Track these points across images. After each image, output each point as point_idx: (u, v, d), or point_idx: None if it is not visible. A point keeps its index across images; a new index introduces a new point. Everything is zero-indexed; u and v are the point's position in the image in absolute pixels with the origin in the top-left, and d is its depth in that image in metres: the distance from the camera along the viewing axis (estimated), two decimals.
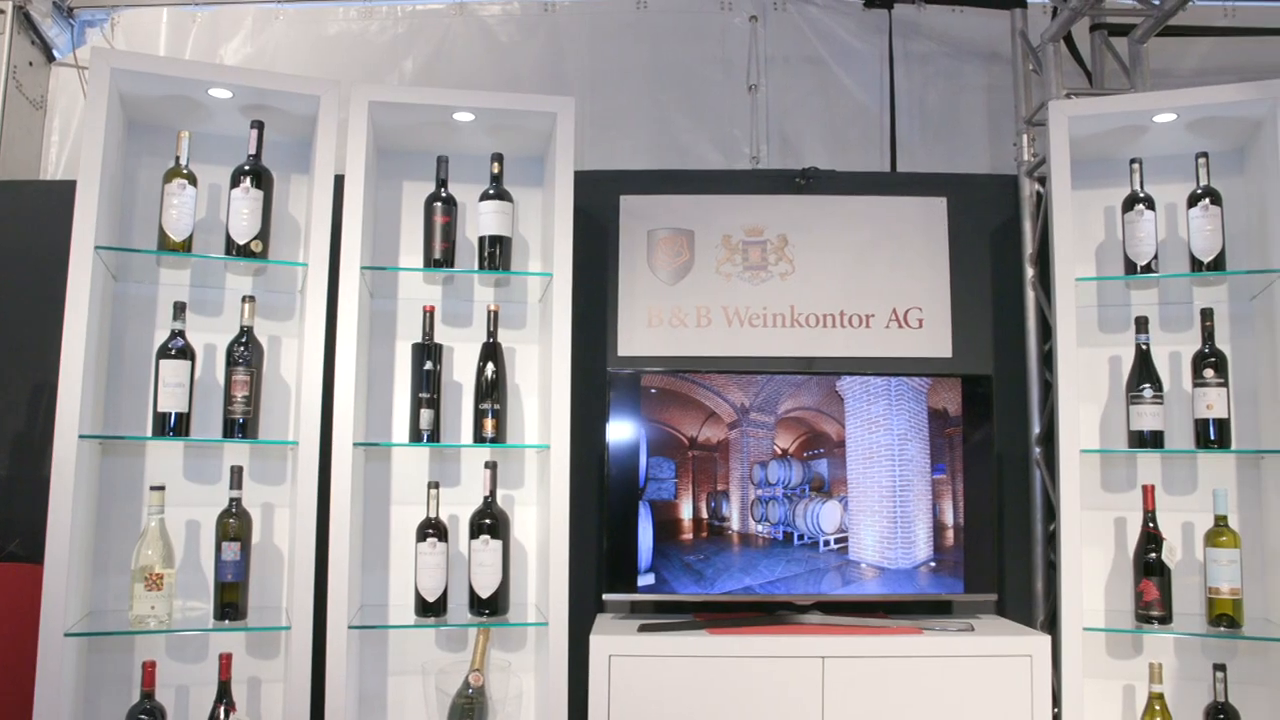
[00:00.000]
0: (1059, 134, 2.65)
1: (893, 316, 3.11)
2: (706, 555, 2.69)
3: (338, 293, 2.55)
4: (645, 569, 2.68)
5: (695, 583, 2.68)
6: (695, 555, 2.69)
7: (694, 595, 2.69)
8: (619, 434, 2.72)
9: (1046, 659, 2.53)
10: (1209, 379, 2.58)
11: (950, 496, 2.72)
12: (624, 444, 2.71)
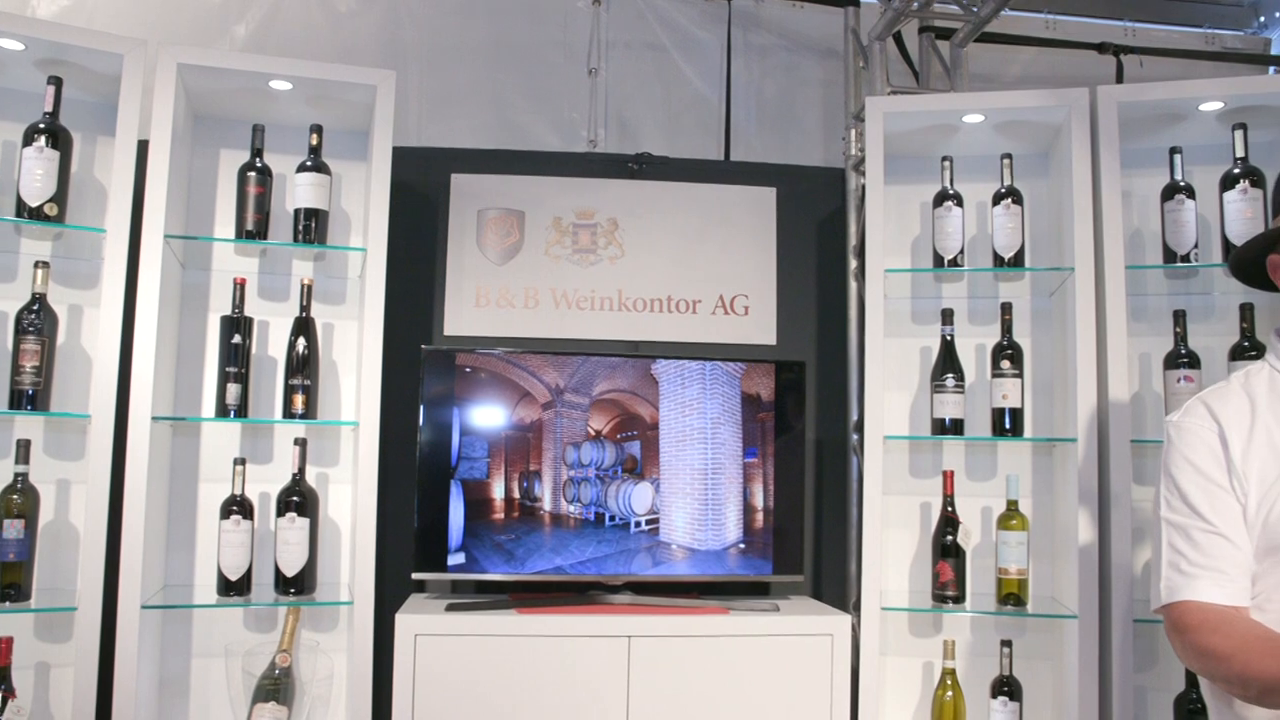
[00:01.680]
0: (874, 129, 2.73)
1: (720, 303, 3.16)
2: (518, 535, 2.69)
3: (139, 262, 2.45)
4: (456, 548, 2.66)
5: (506, 562, 2.67)
6: (507, 535, 2.68)
7: (504, 575, 2.68)
8: (432, 412, 2.69)
9: (847, 638, 2.62)
10: (1005, 370, 2.69)
11: (761, 480, 2.78)
12: (437, 423, 2.68)
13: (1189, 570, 1.60)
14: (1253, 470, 1.58)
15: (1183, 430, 1.65)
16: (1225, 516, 1.58)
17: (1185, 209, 2.64)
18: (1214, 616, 1.56)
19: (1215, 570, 1.59)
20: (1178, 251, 2.64)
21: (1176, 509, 1.62)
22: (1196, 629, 1.57)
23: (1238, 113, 2.63)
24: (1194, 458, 1.62)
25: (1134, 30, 3.79)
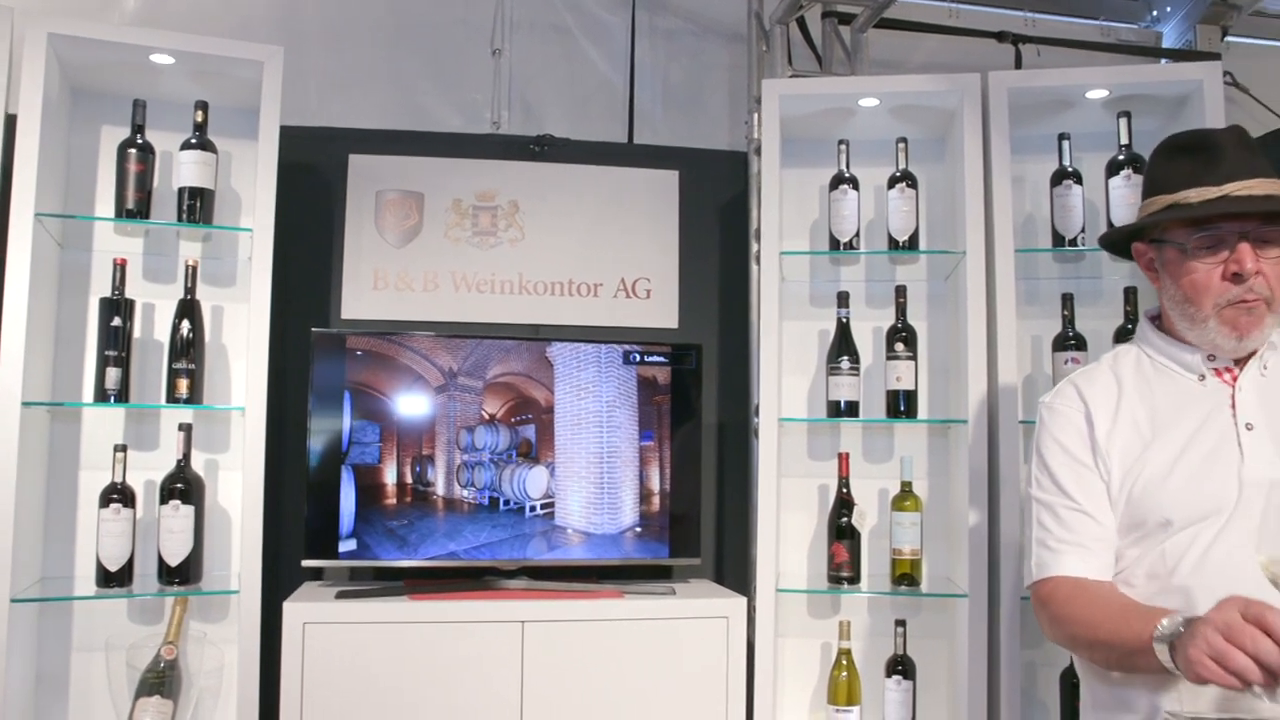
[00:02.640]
0: (770, 111, 2.73)
1: (621, 286, 3.14)
2: (411, 521, 2.64)
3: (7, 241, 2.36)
4: (348, 535, 2.61)
5: (400, 548, 2.63)
6: (400, 521, 2.64)
7: (398, 561, 2.64)
8: (322, 397, 2.63)
9: (743, 620, 2.62)
10: (899, 353, 2.72)
11: (658, 463, 2.78)
12: (327, 408, 2.62)
13: (1056, 547, 1.65)
14: (1115, 449, 1.63)
15: (1053, 411, 1.72)
16: (1090, 494, 1.64)
17: (1073, 194, 2.68)
18: (1079, 588, 1.61)
19: (1080, 546, 1.63)
20: (1065, 236, 2.69)
21: (1045, 488, 1.68)
22: (1063, 601, 1.61)
23: (1123, 101, 2.68)
24: (1062, 438, 1.68)
25: (1034, 20, 3.84)
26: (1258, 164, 1.58)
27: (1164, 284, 1.68)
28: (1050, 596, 1.64)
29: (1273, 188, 1.56)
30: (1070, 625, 1.59)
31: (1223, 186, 1.55)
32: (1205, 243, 1.58)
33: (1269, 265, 1.56)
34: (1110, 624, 1.51)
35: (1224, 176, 1.56)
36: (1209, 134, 1.63)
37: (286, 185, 2.70)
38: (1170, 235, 1.63)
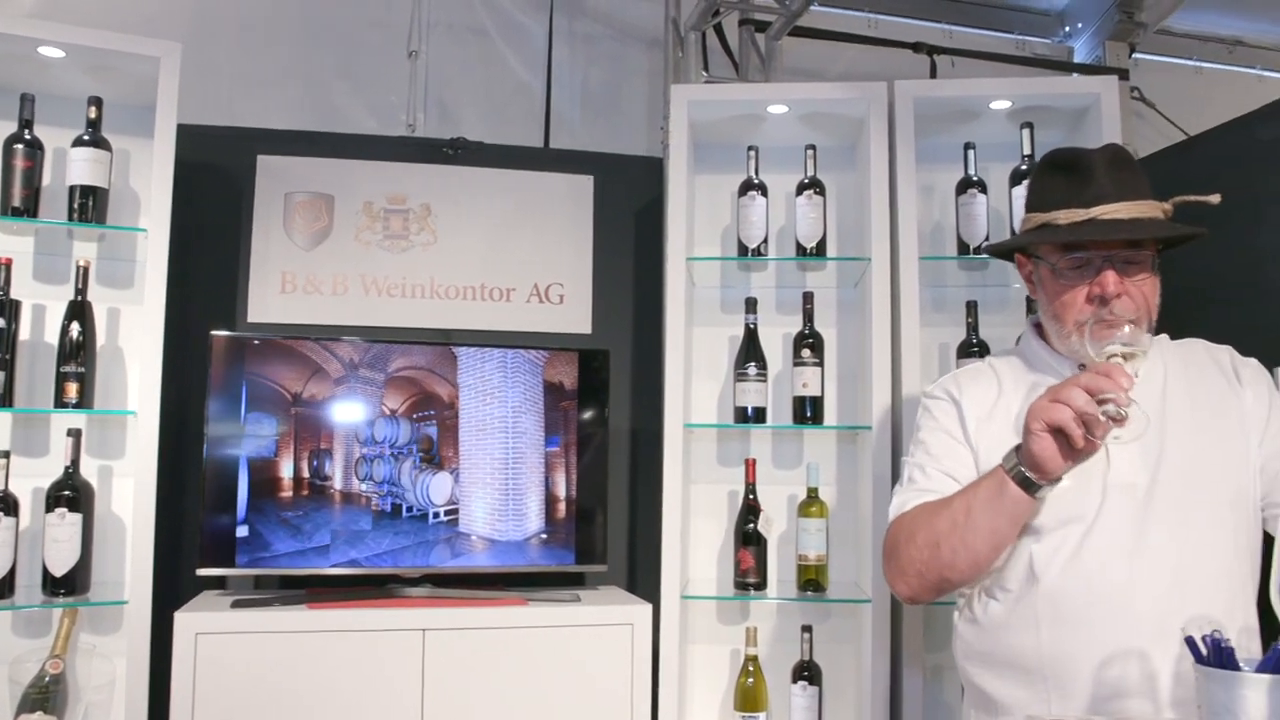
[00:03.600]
0: (679, 117, 2.73)
1: (535, 291, 3.12)
2: (312, 529, 2.59)
3: None
4: (244, 542, 2.54)
5: (300, 556, 2.57)
6: (300, 526, 2.58)
7: (299, 569, 2.58)
8: (219, 402, 2.56)
9: (648, 627, 2.61)
10: (806, 359, 2.73)
11: (564, 469, 2.75)
12: (225, 412, 2.56)
13: (916, 495, 1.65)
14: (984, 442, 1.65)
15: (930, 397, 1.77)
16: (958, 462, 1.66)
17: (977, 203, 2.71)
18: (929, 504, 1.61)
19: (939, 493, 1.63)
20: (970, 243, 2.72)
21: (916, 455, 1.72)
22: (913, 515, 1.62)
23: (1025, 112, 2.72)
24: (938, 416, 1.72)
25: (951, 33, 3.90)
26: (1130, 184, 1.59)
27: (1039, 297, 1.70)
28: (900, 521, 1.64)
29: (1140, 210, 1.57)
30: (923, 528, 1.57)
31: (1090, 210, 1.57)
32: (1072, 264, 1.60)
33: (1135, 286, 1.58)
34: (959, 496, 1.56)
35: (1092, 199, 1.57)
36: (1082, 154, 1.63)
37: (192, 185, 2.64)
38: (1043, 253, 1.65)
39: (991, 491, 1.50)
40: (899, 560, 1.61)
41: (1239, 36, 4.19)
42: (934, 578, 1.57)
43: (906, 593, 1.63)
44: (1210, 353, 1.73)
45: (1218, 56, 4.18)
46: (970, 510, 1.52)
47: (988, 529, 1.51)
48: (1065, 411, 1.38)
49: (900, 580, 1.62)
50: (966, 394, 1.71)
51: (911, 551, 1.58)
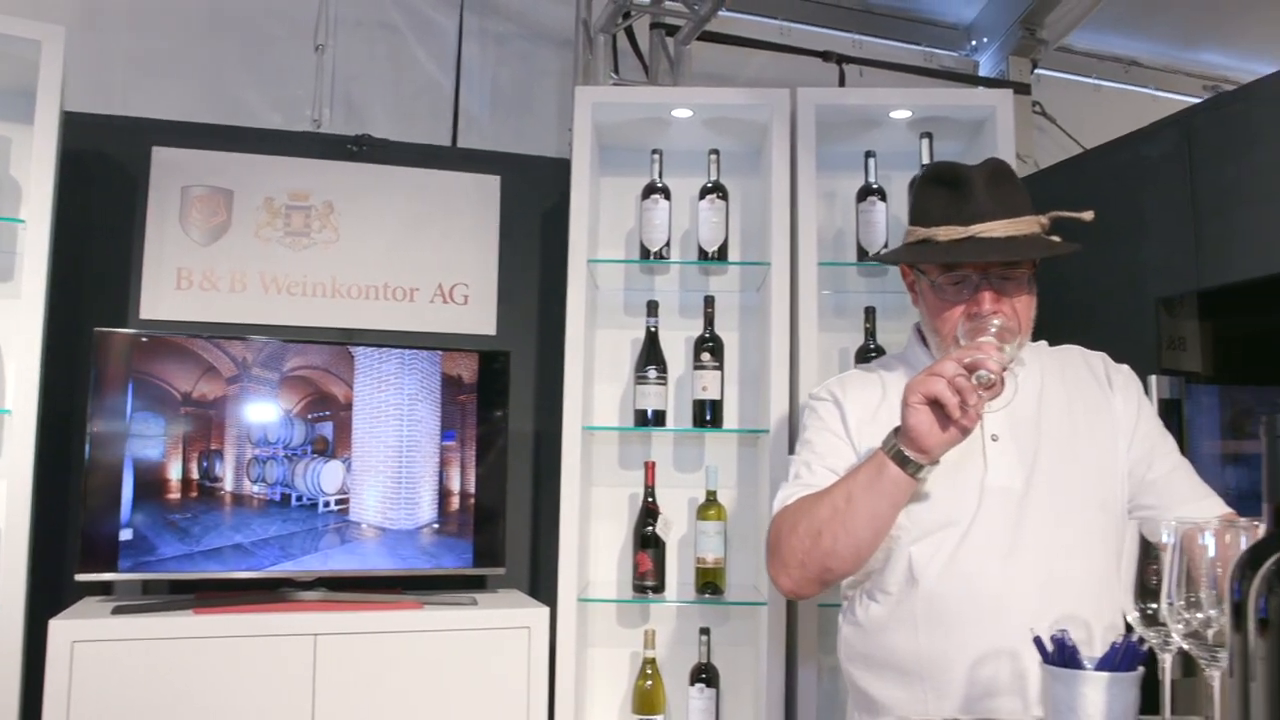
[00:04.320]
0: (582, 118, 2.72)
1: (439, 291, 3.09)
2: (200, 530, 2.52)
3: None
4: (127, 545, 2.47)
5: (188, 559, 2.50)
6: (186, 525, 2.51)
7: (186, 573, 2.51)
8: (104, 400, 2.48)
9: (545, 630, 2.59)
10: (706, 362, 2.74)
11: (460, 469, 2.73)
12: (109, 411, 2.48)
13: (801, 489, 1.66)
14: (865, 443, 1.67)
15: (815, 398, 1.80)
16: (841, 460, 1.68)
17: (877, 210, 2.76)
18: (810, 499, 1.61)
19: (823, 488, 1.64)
20: (869, 250, 2.76)
21: (802, 454, 1.73)
22: (795, 506, 1.63)
23: (925, 122, 2.77)
24: (823, 417, 1.74)
25: (862, 43, 3.96)
26: (1008, 200, 1.62)
27: (920, 308, 1.73)
28: (783, 513, 1.64)
29: (1017, 228, 1.60)
30: (804, 518, 1.58)
31: (969, 227, 1.59)
32: (951, 280, 1.62)
33: (1010, 304, 1.61)
34: (839, 484, 1.57)
35: (971, 216, 1.59)
36: (962, 170, 1.65)
37: (81, 176, 2.57)
38: (924, 268, 1.68)
39: (871, 475, 1.52)
40: (781, 553, 1.62)
41: (1135, 57, 4.33)
42: (816, 568, 1.58)
43: (789, 585, 1.63)
44: (1085, 359, 1.78)
45: (1115, 75, 4.32)
46: (850, 496, 1.54)
47: (868, 513, 1.53)
48: (939, 382, 1.42)
49: (783, 573, 1.62)
50: (849, 396, 1.74)
51: (793, 542, 1.59)
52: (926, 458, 1.49)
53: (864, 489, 1.53)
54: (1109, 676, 1.07)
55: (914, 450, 1.48)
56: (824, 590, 1.64)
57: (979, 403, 1.43)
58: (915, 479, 1.51)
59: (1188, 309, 2.50)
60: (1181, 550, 1.12)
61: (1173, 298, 2.51)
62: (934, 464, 1.51)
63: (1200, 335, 2.56)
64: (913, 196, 1.74)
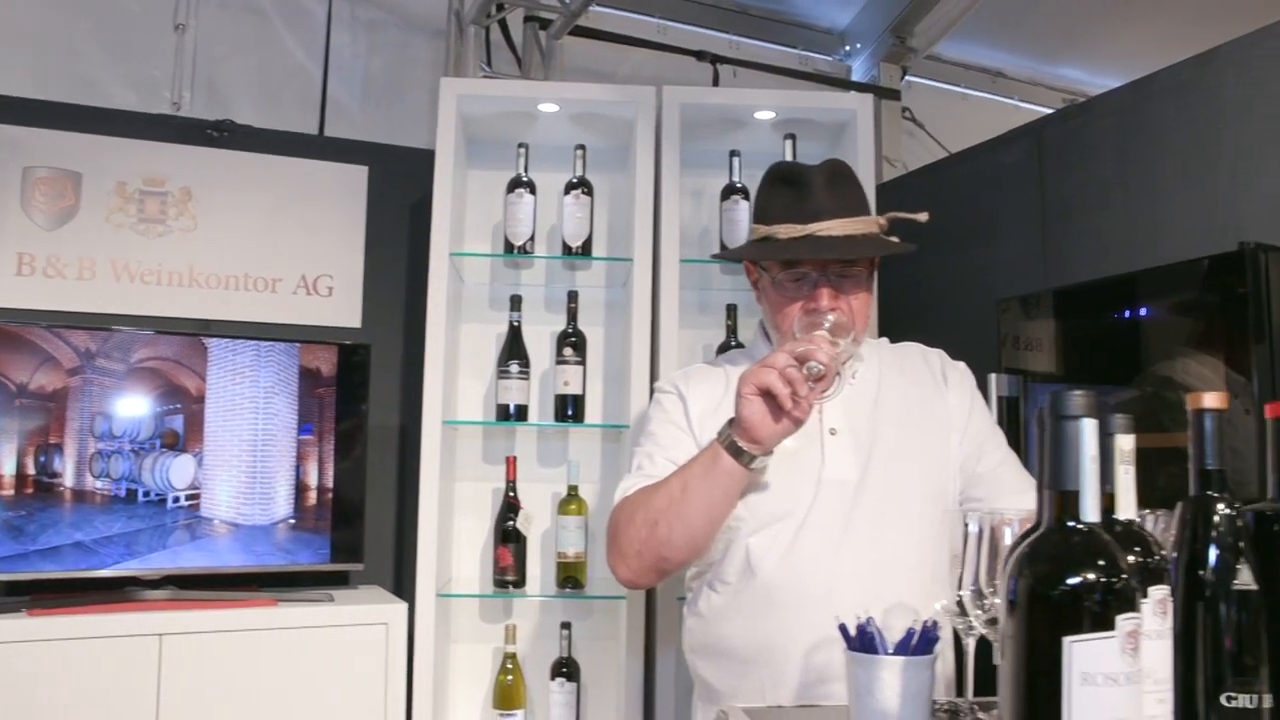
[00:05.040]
0: (447, 110, 2.70)
1: (302, 282, 3.02)
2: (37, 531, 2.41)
3: None
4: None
5: (23, 560, 2.40)
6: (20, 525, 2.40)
7: (21, 574, 2.41)
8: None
9: (404, 626, 2.56)
10: (568, 357, 2.75)
11: (317, 459, 2.68)
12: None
13: (642, 479, 1.67)
14: (705, 435, 1.68)
15: (660, 391, 1.82)
16: (682, 452, 1.68)
17: (740, 209, 2.80)
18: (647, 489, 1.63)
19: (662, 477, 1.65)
20: (732, 248, 2.79)
21: (645, 445, 1.74)
22: (633, 497, 1.64)
23: (788, 124, 2.82)
24: (667, 409, 1.76)
25: (738, 44, 4.01)
26: (846, 200, 1.67)
27: (763, 304, 1.77)
28: (622, 504, 1.66)
29: (855, 227, 1.65)
30: (641, 508, 1.60)
31: (808, 226, 1.63)
32: (791, 277, 1.67)
33: (847, 301, 1.65)
34: (675, 474, 1.59)
35: (811, 215, 1.64)
36: (803, 169, 1.71)
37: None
38: (766, 265, 1.71)
39: (706, 465, 1.55)
40: (619, 543, 1.63)
41: (1001, 69, 4.49)
42: (652, 557, 1.60)
43: (626, 575, 1.65)
44: (923, 355, 1.84)
45: (982, 85, 4.48)
46: (686, 486, 1.56)
47: (703, 503, 1.55)
48: (770, 373, 1.45)
49: (621, 563, 1.64)
50: (693, 389, 1.76)
51: (631, 532, 1.60)
52: (759, 448, 1.52)
53: (699, 479, 1.56)
54: (903, 660, 1.10)
55: (747, 441, 1.51)
56: (662, 580, 1.66)
57: (810, 394, 1.47)
58: (749, 469, 1.54)
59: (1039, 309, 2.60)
60: (991, 540, 1.17)
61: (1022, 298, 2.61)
62: (767, 455, 1.55)
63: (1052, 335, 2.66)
64: (757, 195, 1.77)
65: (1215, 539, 1.06)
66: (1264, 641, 1.03)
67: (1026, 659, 0.80)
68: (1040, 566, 0.81)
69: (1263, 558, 1.05)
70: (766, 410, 1.49)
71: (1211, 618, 1.04)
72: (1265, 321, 1.87)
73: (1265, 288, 1.88)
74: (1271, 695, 1.02)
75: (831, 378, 1.48)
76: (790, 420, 1.50)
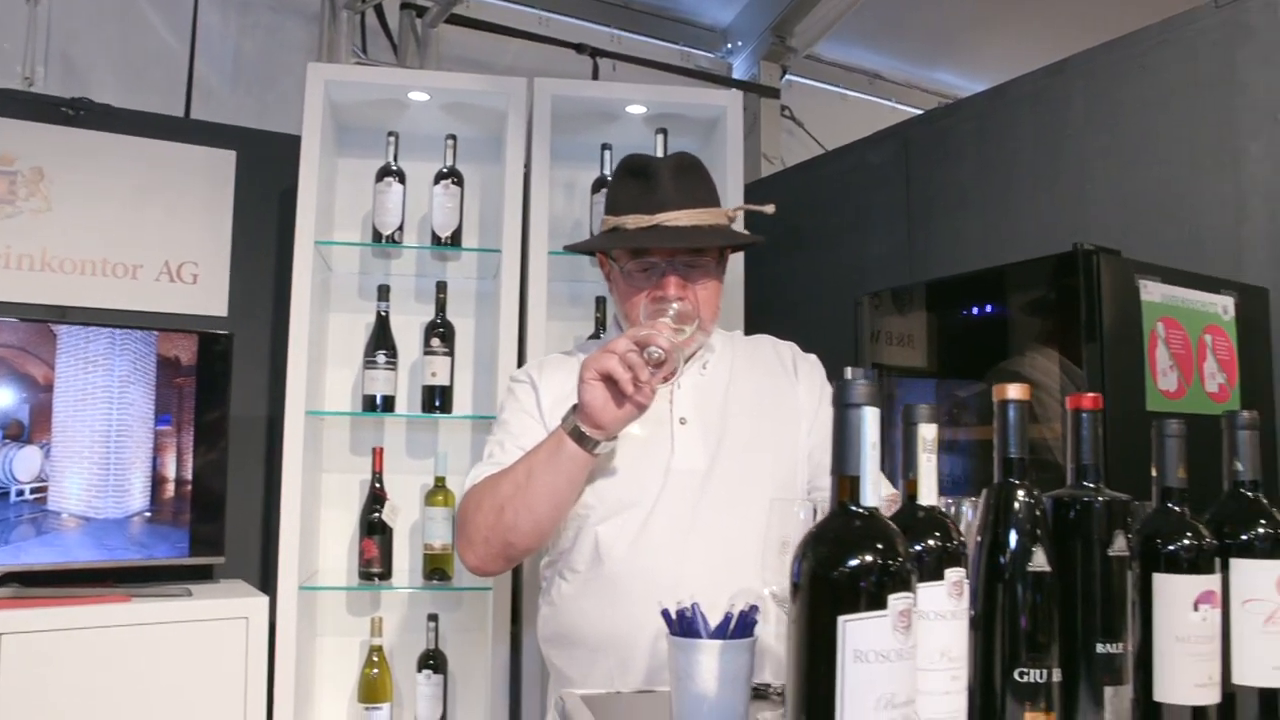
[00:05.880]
0: (314, 96, 2.65)
1: (165, 269, 2.93)
2: None
3: None
4: None
5: None
6: None
7: None
8: None
9: (265, 620, 2.51)
10: (436, 348, 2.73)
11: (176, 453, 2.61)
12: None
13: (491, 467, 1.67)
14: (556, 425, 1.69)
15: (514, 379, 1.82)
16: (533, 441, 1.68)
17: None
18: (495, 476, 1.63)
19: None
20: None
21: (497, 434, 1.74)
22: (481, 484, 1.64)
23: (660, 119, 2.85)
24: (520, 398, 1.76)
25: (621, 38, 4.03)
26: (694, 192, 1.70)
27: (613, 295, 1.79)
28: (471, 492, 1.66)
29: (703, 218, 1.68)
30: (488, 494, 1.61)
31: (655, 216, 1.66)
32: (639, 267, 1.69)
33: (699, 290, 1.68)
34: (521, 461, 1.60)
35: (658, 205, 1.67)
36: (652, 161, 1.74)
37: None
38: (616, 256, 1.73)
39: (550, 450, 1.56)
40: (467, 530, 1.64)
41: (879, 71, 4.62)
42: (499, 543, 1.61)
43: (474, 562, 1.65)
44: (775, 348, 1.88)
45: (861, 87, 4.59)
46: (531, 472, 1.57)
47: (548, 489, 1.56)
48: (611, 358, 1.47)
49: (468, 550, 1.64)
50: (545, 378, 1.77)
51: (478, 519, 1.61)
52: (602, 434, 1.54)
53: (544, 465, 1.57)
54: (720, 644, 1.13)
55: (590, 426, 1.52)
56: (510, 567, 1.67)
57: (651, 379, 1.49)
58: (593, 455, 1.55)
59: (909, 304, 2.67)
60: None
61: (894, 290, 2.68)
62: (611, 440, 1.56)
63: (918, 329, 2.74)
64: (609, 188, 1.79)
65: (1015, 524, 1.11)
66: (1055, 620, 1.09)
67: (808, 639, 0.83)
68: (821, 549, 0.85)
69: (1059, 542, 1.11)
70: (609, 395, 1.51)
71: (1009, 599, 1.09)
72: (1095, 320, 1.96)
73: (1097, 288, 1.97)
74: (1061, 670, 1.08)
75: (673, 363, 1.51)
76: (633, 405, 1.52)
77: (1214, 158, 2.32)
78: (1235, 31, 2.28)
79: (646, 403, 1.53)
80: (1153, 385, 2.04)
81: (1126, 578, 1.10)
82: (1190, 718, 1.10)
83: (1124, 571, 1.11)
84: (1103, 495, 1.11)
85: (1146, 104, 2.47)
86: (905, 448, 1.11)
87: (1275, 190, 2.21)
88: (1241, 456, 1.20)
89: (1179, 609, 1.11)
